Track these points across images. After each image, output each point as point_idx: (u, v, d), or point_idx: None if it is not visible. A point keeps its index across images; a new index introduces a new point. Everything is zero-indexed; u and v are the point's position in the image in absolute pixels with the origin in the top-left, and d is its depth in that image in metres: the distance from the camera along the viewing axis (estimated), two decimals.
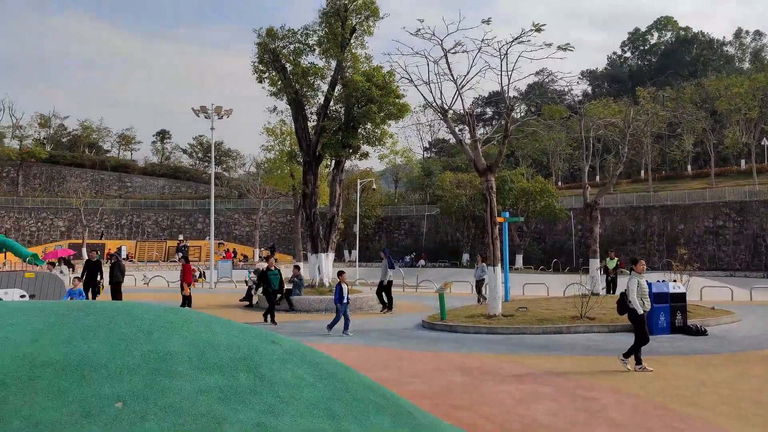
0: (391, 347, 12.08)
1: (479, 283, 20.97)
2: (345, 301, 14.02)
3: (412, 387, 7.93)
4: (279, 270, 17.02)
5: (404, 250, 58.85)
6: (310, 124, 23.60)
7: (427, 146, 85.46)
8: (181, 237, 59.99)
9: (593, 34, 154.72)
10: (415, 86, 16.36)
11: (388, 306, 19.39)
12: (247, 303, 20.88)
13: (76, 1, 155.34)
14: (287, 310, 18.90)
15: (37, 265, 27.93)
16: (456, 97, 16.11)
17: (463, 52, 15.75)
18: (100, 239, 57.43)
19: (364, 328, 15.37)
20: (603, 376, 8.93)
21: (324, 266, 22.22)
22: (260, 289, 21.11)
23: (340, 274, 14.51)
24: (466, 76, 15.80)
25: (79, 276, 18.89)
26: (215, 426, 3.93)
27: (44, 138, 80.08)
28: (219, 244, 52.95)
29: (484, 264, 21.24)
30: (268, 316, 16.19)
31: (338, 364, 5.29)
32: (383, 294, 19.50)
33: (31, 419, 3.70)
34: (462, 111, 18.00)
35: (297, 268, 20.71)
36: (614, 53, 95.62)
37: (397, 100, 22.28)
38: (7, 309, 4.67)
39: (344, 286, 14.09)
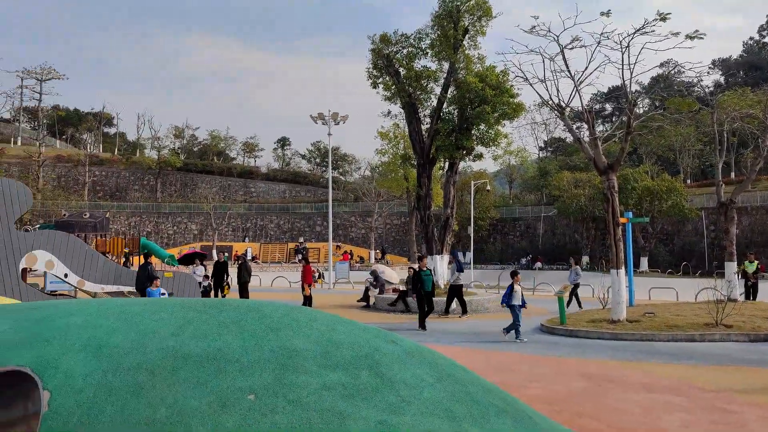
0: (508, 351, 11.89)
1: (574, 289, 19.97)
2: (519, 303, 13.52)
3: (530, 391, 7.76)
4: (431, 270, 16.36)
5: (520, 253, 57.60)
6: (424, 127, 23.75)
7: (543, 145, 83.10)
8: (300, 239, 62.47)
9: (726, 20, 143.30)
10: (531, 85, 16.02)
11: (462, 310, 18.52)
12: (364, 303, 21.36)
13: (208, 21, 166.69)
14: (403, 311, 19.13)
15: (174, 266, 30.32)
16: (573, 93, 15.58)
17: (580, 47, 15.20)
18: (244, 241, 61.07)
19: (479, 330, 15.23)
20: (744, 388, 8.24)
21: (439, 268, 22.24)
22: (377, 290, 21.55)
23: (515, 275, 14.14)
24: (584, 71, 15.25)
25: (208, 275, 20.28)
26: (339, 422, 4.04)
27: (178, 148, 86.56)
28: (336, 246, 54.53)
29: (578, 267, 20.29)
30: (422, 321, 15.22)
31: (457, 366, 5.29)
32: (454, 298, 18.63)
33: (175, 407, 3.98)
34: (580, 108, 17.35)
35: (412, 270, 20.88)
36: (751, 38, 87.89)
37: (511, 100, 21.89)
38: (155, 305, 5.08)
39: (517, 288, 13.71)
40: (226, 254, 33.88)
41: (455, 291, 18.60)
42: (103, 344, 4.46)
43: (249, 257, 48.81)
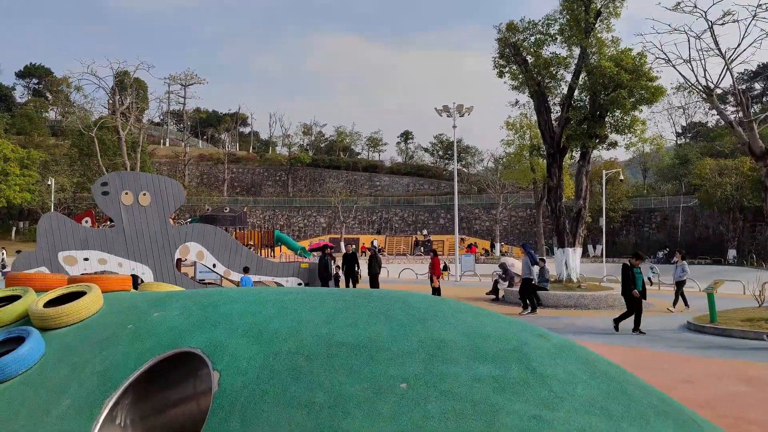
0: (652, 349, 11.23)
1: (679, 286, 18.23)
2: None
3: (682, 393, 7.27)
4: (640, 269, 15.48)
5: (656, 245, 54.13)
6: (554, 116, 22.97)
7: (681, 131, 77.44)
8: (425, 232, 62.90)
9: None
10: (673, 66, 15.02)
11: (532, 307, 17.45)
12: (493, 296, 21.11)
13: (333, 21, 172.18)
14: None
15: (306, 257, 31.70)
16: (724, 73, 14.34)
17: (733, 21, 13.95)
18: (377, 234, 62.82)
19: (621, 326, 14.52)
20: None
21: (571, 261, 21.47)
22: (506, 283, 21.20)
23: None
24: (736, 48, 14.00)
25: (339, 266, 20.97)
26: (492, 414, 4.01)
27: (307, 144, 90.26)
28: (461, 239, 54.30)
29: (684, 263, 18.42)
30: (636, 325, 13.84)
31: (610, 363, 5.06)
32: (527, 294, 17.63)
33: (332, 392, 4.15)
34: (728, 89, 15.94)
35: (542, 261, 20.30)
36: None
37: (649, 84, 20.57)
38: (306, 294, 5.32)
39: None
40: (353, 246, 34.88)
41: (528, 287, 17.96)
42: (263, 330, 4.74)
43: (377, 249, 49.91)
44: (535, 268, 18.16)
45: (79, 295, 5.56)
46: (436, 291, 18.01)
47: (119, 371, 4.58)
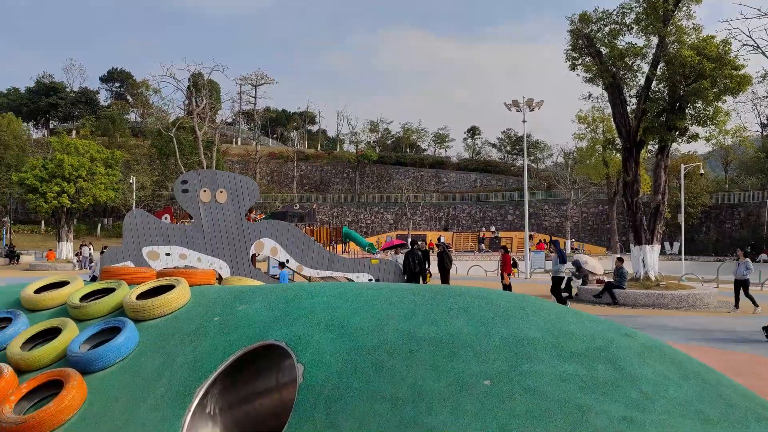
0: (740, 350, 10.68)
1: (740, 284, 16.87)
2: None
3: None
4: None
5: (739, 243, 51.38)
6: (630, 108, 22.15)
7: (766, 122, 73.17)
8: (492, 228, 62.16)
9: None
10: (763, 53, 14.12)
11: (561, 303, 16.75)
12: (566, 294, 20.61)
13: (399, 17, 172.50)
14: (609, 304, 18.15)
15: (373, 253, 31.94)
16: None
17: None
18: (445, 230, 62.78)
19: (704, 327, 13.91)
20: None
21: (649, 259, 20.68)
22: (580, 281, 20.68)
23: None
24: None
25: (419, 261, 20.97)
26: (580, 414, 3.93)
27: (374, 141, 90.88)
28: (530, 235, 53.35)
29: (747, 260, 17.13)
30: None
31: (701, 365, 4.85)
32: (558, 292, 17.56)
33: (415, 387, 4.16)
34: None
35: (620, 260, 19.62)
36: None
37: (734, 72, 19.51)
38: (386, 290, 5.35)
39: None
40: (420, 242, 34.82)
41: (557, 284, 17.84)
42: (344, 324, 4.81)
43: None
44: (572, 265, 17.98)
45: (168, 288, 5.81)
46: (507, 288, 17.76)
47: (208, 362, 4.76)
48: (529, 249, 35.13)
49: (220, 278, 7.75)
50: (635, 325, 14.11)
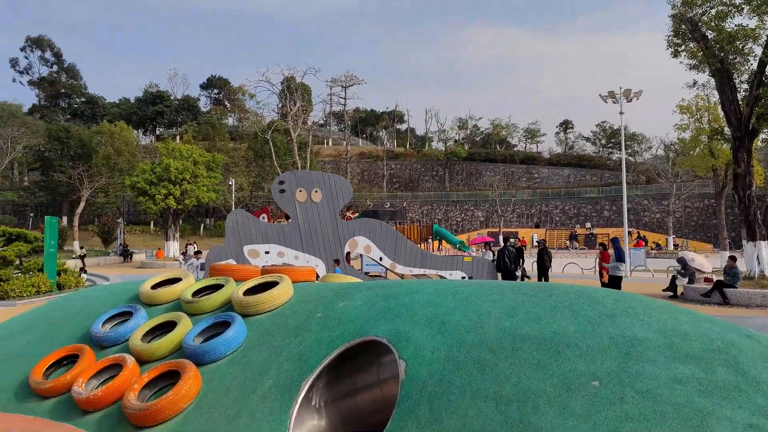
0: None
1: None
2: None
3: None
4: None
5: None
6: (740, 95, 20.70)
7: None
8: (588, 224, 60.09)
9: None
10: None
11: None
12: (671, 293, 19.56)
13: (483, 12, 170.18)
14: (720, 304, 17.07)
15: (464, 251, 31.69)
16: None
17: None
18: (536, 227, 61.65)
19: None
20: None
21: (765, 255, 19.25)
22: (686, 279, 19.58)
23: None
24: None
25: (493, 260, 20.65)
26: (699, 419, 3.72)
27: (462, 138, 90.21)
28: (629, 232, 51.13)
29: None
30: None
31: None
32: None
33: (519, 386, 4.08)
34: None
35: (733, 259, 18.37)
36: None
37: None
38: (485, 287, 5.28)
39: None
40: (513, 239, 34.15)
41: (616, 283, 16.30)
42: (445, 321, 4.80)
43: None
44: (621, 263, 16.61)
45: (272, 284, 6.03)
46: (606, 286, 17.09)
47: (313, 356, 4.90)
48: (628, 246, 33.64)
49: (317, 276, 7.98)
50: (751, 327, 13.18)
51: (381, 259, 15.43)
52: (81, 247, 46.97)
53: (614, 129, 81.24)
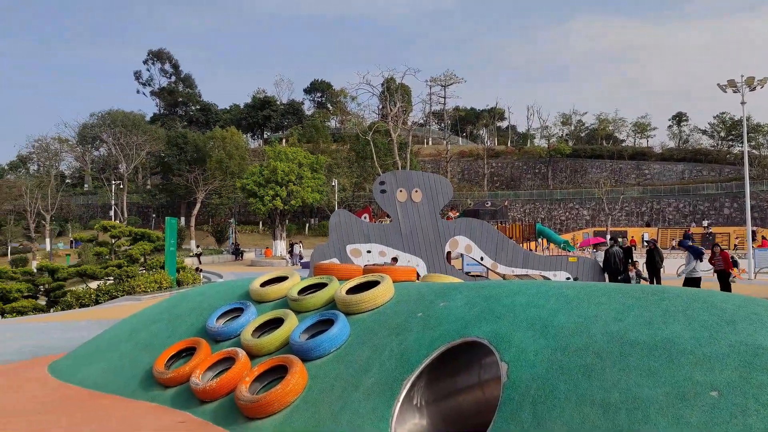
0: None
1: None
2: None
3: None
4: None
5: None
6: None
7: None
8: (705, 223, 56.40)
9: None
10: None
11: None
12: None
13: (592, 3, 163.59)
14: None
15: (569, 251, 30.66)
16: None
17: None
18: (647, 226, 58.90)
19: None
20: None
21: None
22: None
23: None
24: None
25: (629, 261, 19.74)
26: None
27: (566, 135, 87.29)
28: (753, 231, 47.35)
29: None
30: None
31: None
32: None
33: (628, 393, 3.92)
34: None
35: None
36: None
37: None
38: (590, 289, 5.12)
39: None
40: (621, 239, 32.63)
41: (694, 286, 14.00)
42: (548, 324, 4.68)
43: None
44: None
45: (374, 284, 6.15)
46: (726, 289, 15.95)
47: (414, 355, 4.95)
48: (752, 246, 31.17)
49: (417, 276, 8.04)
50: None
51: (482, 258, 15.27)
52: (197, 246, 50.02)
53: (735, 120, 75.50)
